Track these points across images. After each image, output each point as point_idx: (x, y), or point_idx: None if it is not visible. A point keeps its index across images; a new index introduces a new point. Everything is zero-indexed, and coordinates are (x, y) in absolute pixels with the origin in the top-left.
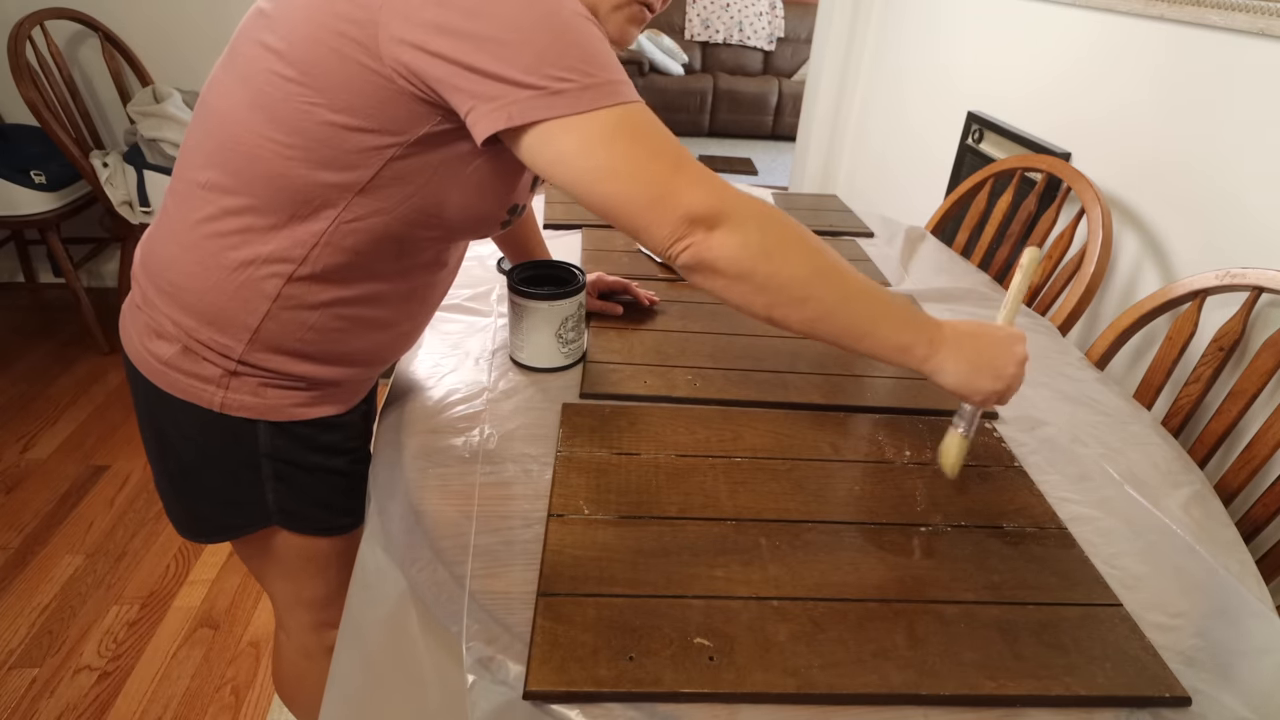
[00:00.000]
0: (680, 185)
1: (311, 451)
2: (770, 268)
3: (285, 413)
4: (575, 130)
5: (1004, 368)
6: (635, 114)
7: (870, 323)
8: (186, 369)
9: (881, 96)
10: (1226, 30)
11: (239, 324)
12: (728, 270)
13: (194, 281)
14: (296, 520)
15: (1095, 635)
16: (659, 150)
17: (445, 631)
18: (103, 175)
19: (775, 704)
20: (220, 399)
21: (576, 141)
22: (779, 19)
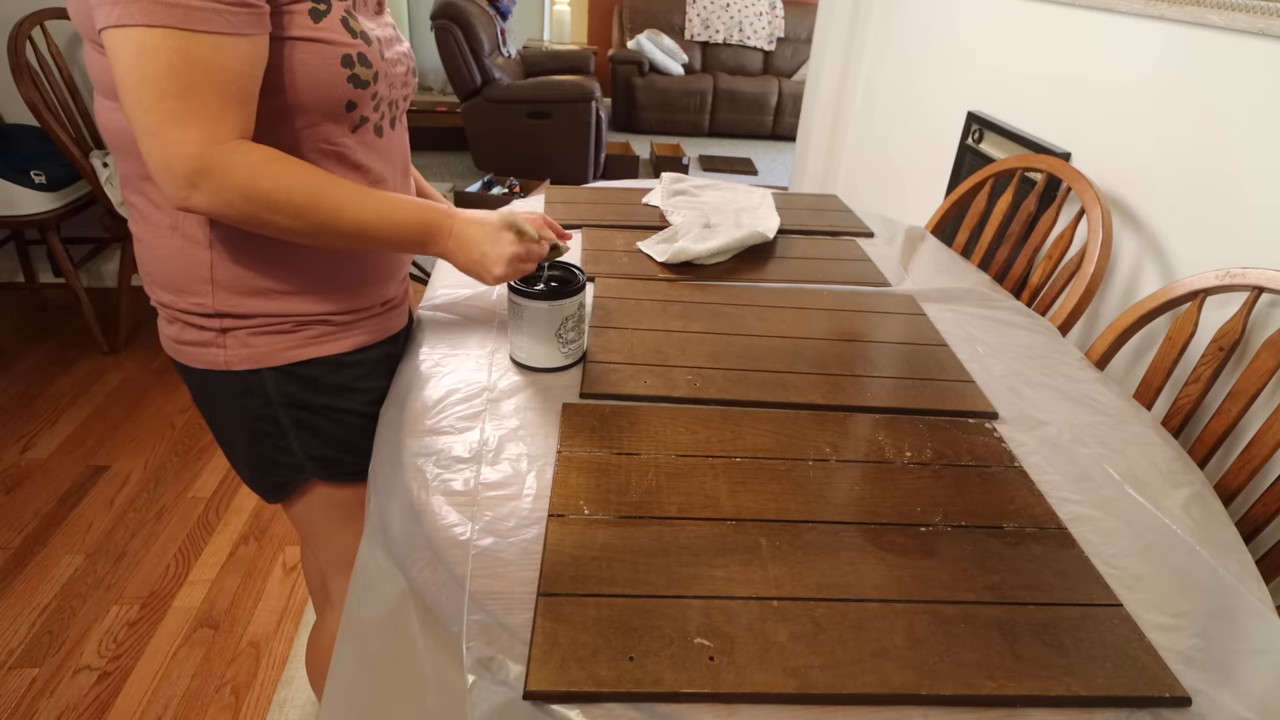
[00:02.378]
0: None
1: (320, 393)
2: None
3: (281, 356)
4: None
5: (493, 266)
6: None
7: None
8: (190, 340)
9: (881, 96)
10: (1226, 30)
11: (195, 278)
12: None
13: (152, 253)
14: (328, 467)
15: (1095, 635)
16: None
17: (445, 631)
18: (103, 175)
19: (775, 704)
20: (224, 357)
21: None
22: (779, 19)
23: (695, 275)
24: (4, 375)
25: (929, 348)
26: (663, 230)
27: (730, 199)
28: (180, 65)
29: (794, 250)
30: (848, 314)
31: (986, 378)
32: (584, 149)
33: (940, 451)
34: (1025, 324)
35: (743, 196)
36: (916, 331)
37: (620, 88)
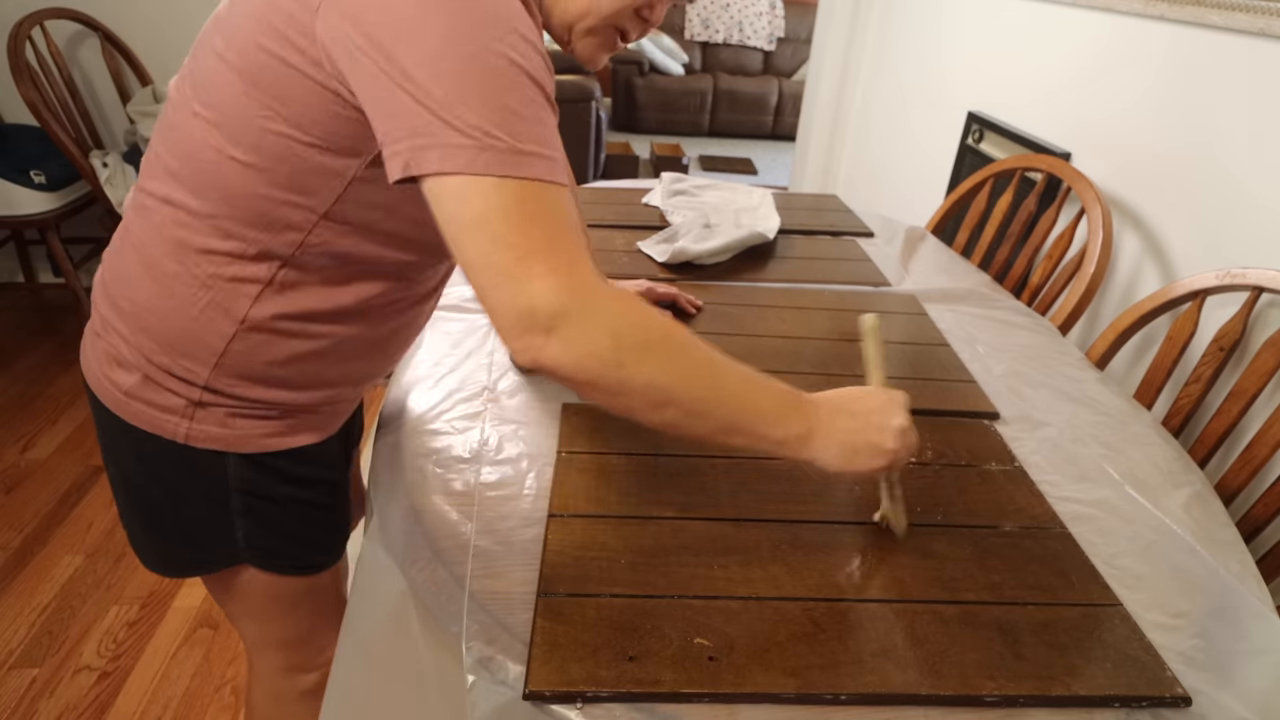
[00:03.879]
0: (535, 269)
1: (284, 483)
2: (620, 376)
3: (256, 443)
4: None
5: (882, 443)
6: (541, 193)
7: (739, 423)
8: (148, 399)
9: (881, 96)
10: (1226, 30)
11: (204, 348)
12: (571, 377)
13: (156, 302)
14: (267, 557)
15: (1095, 635)
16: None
17: (445, 631)
18: (102, 175)
19: (775, 704)
20: (185, 430)
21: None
22: (779, 19)
23: (695, 275)
24: (4, 375)
25: (930, 348)
26: (663, 230)
27: (730, 199)
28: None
29: (794, 250)
30: (848, 314)
31: (987, 378)
32: (584, 149)
33: (940, 451)
34: (1026, 324)
35: (743, 196)
36: (917, 331)
37: (620, 87)
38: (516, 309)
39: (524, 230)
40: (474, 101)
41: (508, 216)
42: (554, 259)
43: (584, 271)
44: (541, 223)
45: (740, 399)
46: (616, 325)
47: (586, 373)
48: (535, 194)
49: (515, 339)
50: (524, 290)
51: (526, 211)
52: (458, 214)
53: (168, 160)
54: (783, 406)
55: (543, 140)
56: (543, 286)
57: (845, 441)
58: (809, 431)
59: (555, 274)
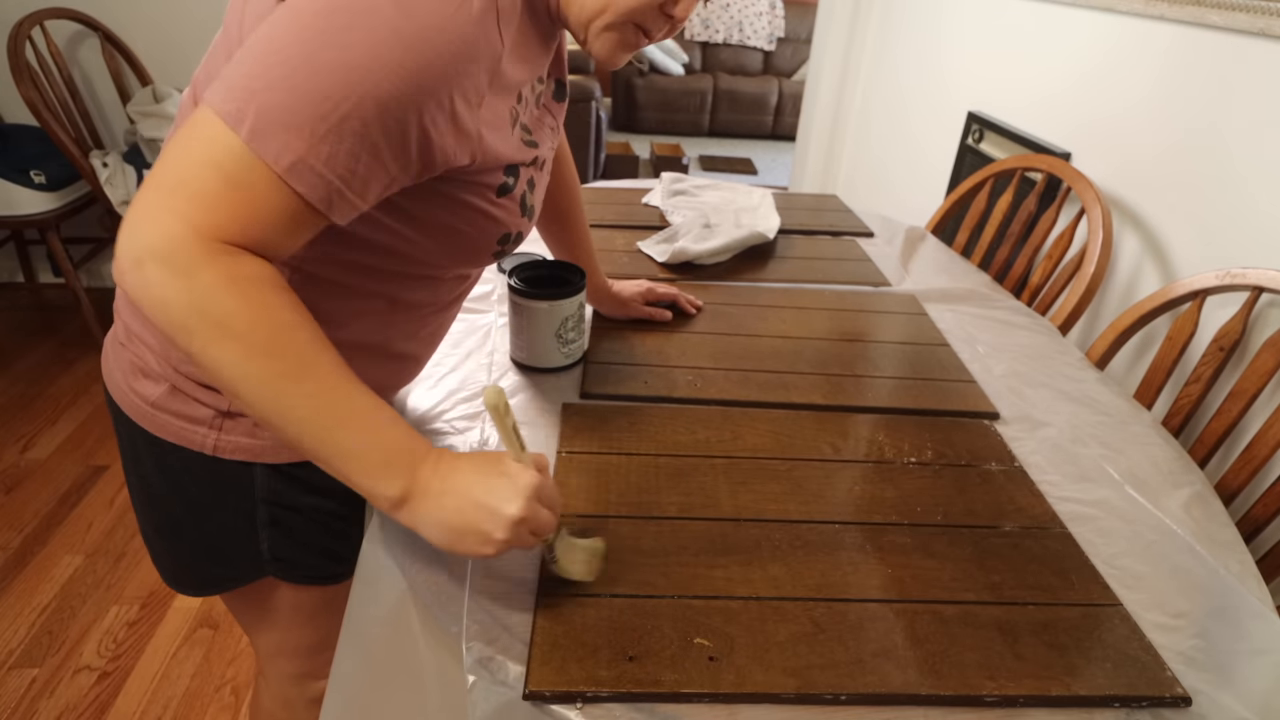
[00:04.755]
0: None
1: (309, 494)
2: (189, 346)
3: (284, 454)
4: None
5: (490, 532)
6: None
7: (321, 455)
8: (175, 410)
9: (881, 96)
10: (1227, 30)
11: None
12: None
13: None
14: (291, 569)
15: (1095, 635)
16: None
17: (445, 631)
18: (103, 175)
19: (775, 704)
20: (213, 441)
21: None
22: (779, 19)
23: (695, 275)
24: (4, 375)
25: (930, 348)
26: (663, 230)
27: (730, 199)
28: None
29: (794, 250)
30: (848, 314)
31: (987, 378)
32: (584, 149)
33: (940, 451)
34: (1026, 324)
35: (743, 196)
36: (917, 331)
37: (620, 87)
38: (132, 221)
39: (203, 169)
40: (294, 70)
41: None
42: (200, 211)
43: (218, 240)
44: (230, 186)
45: (323, 429)
46: (200, 295)
47: (155, 321)
48: (252, 167)
49: (116, 248)
50: (150, 210)
51: (226, 168)
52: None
53: None
54: (382, 459)
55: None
56: (164, 220)
57: (447, 521)
58: (405, 495)
59: (185, 221)
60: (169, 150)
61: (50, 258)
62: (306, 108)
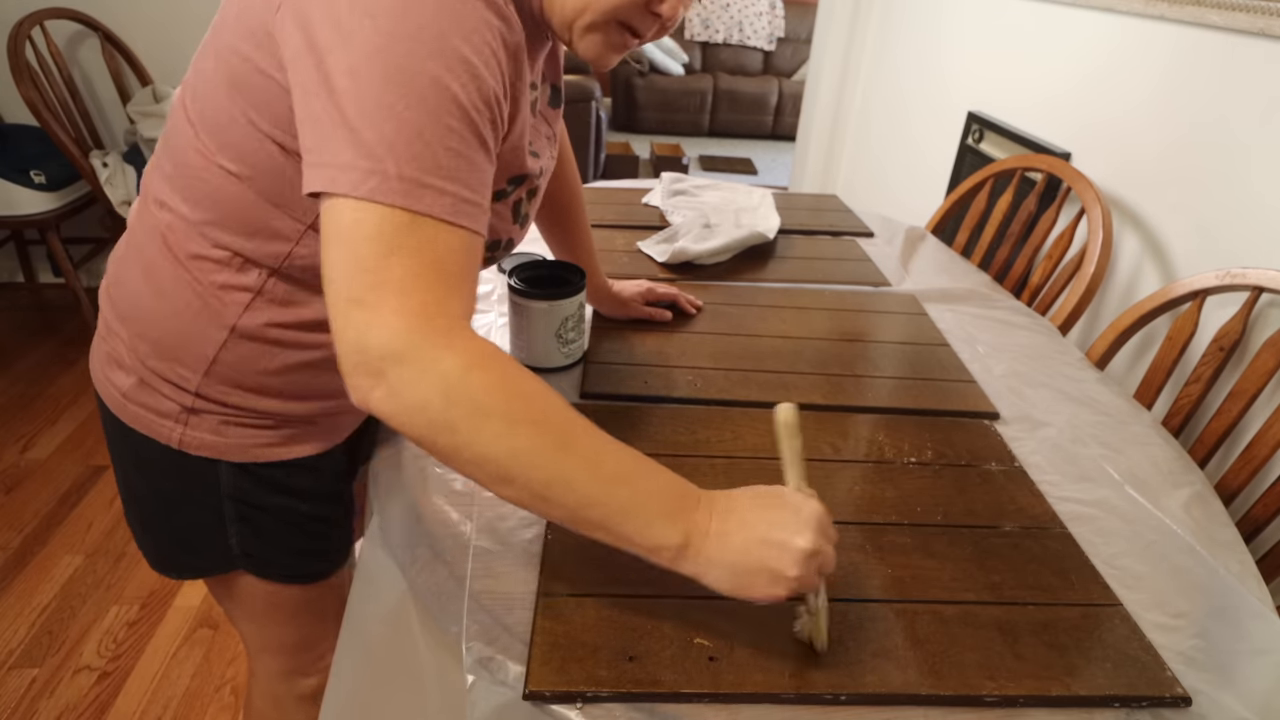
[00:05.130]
0: (386, 302)
1: (278, 494)
2: (455, 440)
3: (250, 453)
4: (348, 210)
5: (781, 569)
6: (425, 229)
7: (597, 518)
8: (144, 402)
9: (881, 96)
10: (1227, 30)
11: (195, 354)
12: (402, 431)
13: (151, 306)
14: (261, 565)
15: (1095, 635)
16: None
17: (445, 631)
18: (102, 175)
19: (775, 704)
20: (179, 435)
21: (342, 218)
22: (779, 19)
23: (695, 275)
24: (4, 375)
25: (930, 348)
26: (663, 230)
27: (730, 199)
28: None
29: (794, 250)
30: (848, 314)
31: (987, 378)
32: (584, 149)
33: (940, 451)
34: (1026, 324)
35: (743, 196)
36: (917, 331)
37: (620, 87)
38: (353, 340)
39: (386, 260)
40: (381, 123)
41: (374, 242)
42: (409, 298)
43: (439, 317)
44: (411, 257)
45: (599, 490)
46: (454, 382)
47: (414, 428)
48: (416, 228)
49: (347, 374)
50: (365, 322)
51: (397, 242)
52: (330, 233)
53: (165, 165)
54: (657, 508)
55: (452, 175)
56: (385, 322)
57: (734, 563)
58: (686, 543)
59: (402, 313)
60: (336, 261)
61: (50, 258)
62: (430, 143)
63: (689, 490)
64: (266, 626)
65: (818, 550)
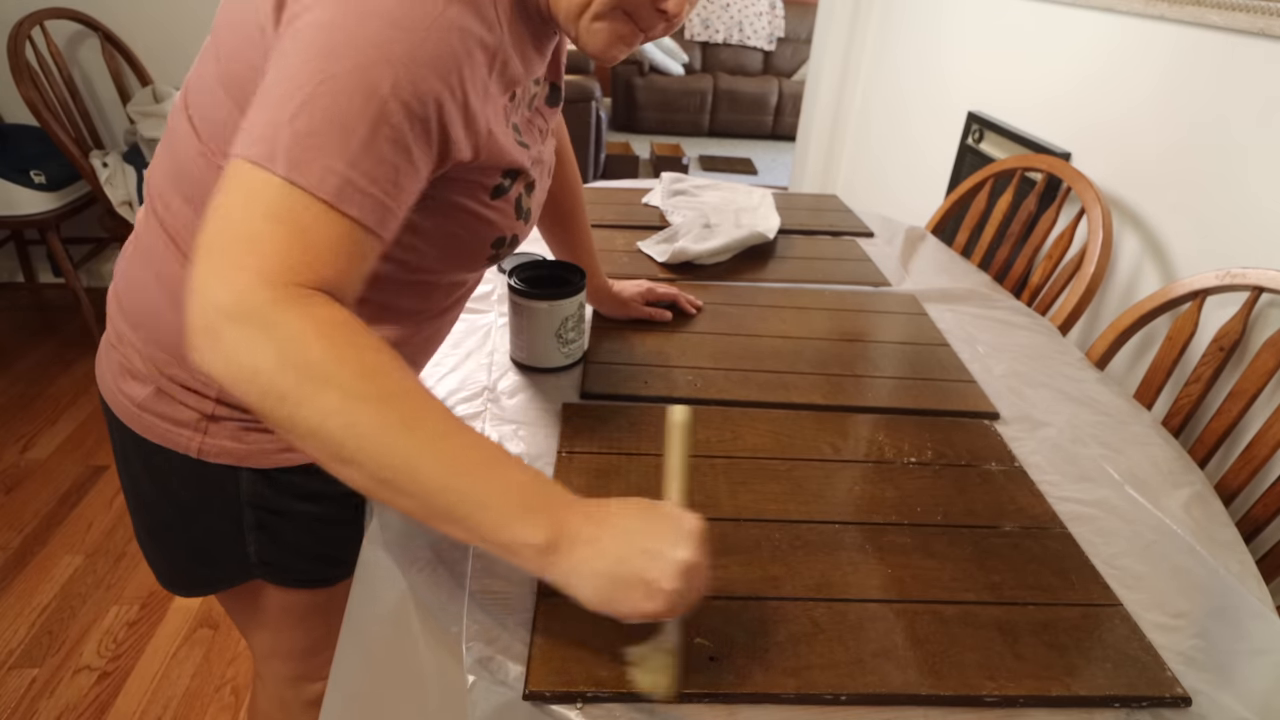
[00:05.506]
0: (240, 259)
1: (297, 499)
2: (286, 410)
3: (270, 458)
4: (238, 170)
5: (657, 580)
6: (308, 205)
7: (449, 509)
8: (161, 412)
9: (881, 96)
10: (1227, 30)
11: None
12: (237, 395)
13: (168, 311)
14: (278, 572)
15: (1095, 635)
16: (276, 224)
17: (445, 631)
18: (103, 175)
19: (775, 704)
20: (198, 444)
21: (230, 178)
22: (779, 19)
23: (695, 275)
24: (4, 375)
25: (930, 348)
26: (663, 230)
27: (730, 199)
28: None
29: (794, 250)
30: (848, 314)
31: (987, 378)
32: (584, 149)
33: (940, 451)
34: (1026, 324)
35: (743, 196)
36: (917, 331)
37: (620, 87)
38: (199, 295)
39: (254, 222)
40: (293, 97)
41: (249, 205)
42: (265, 260)
43: (292, 285)
44: (281, 225)
45: (455, 479)
46: (290, 347)
47: (247, 395)
48: (293, 199)
49: (189, 332)
50: (214, 274)
51: (271, 210)
52: (218, 188)
53: (168, 167)
54: (519, 502)
55: (354, 163)
56: (232, 279)
57: (607, 571)
58: (552, 544)
59: (252, 272)
60: (210, 216)
61: (50, 258)
62: (334, 126)
63: (557, 490)
64: (278, 633)
65: (697, 565)
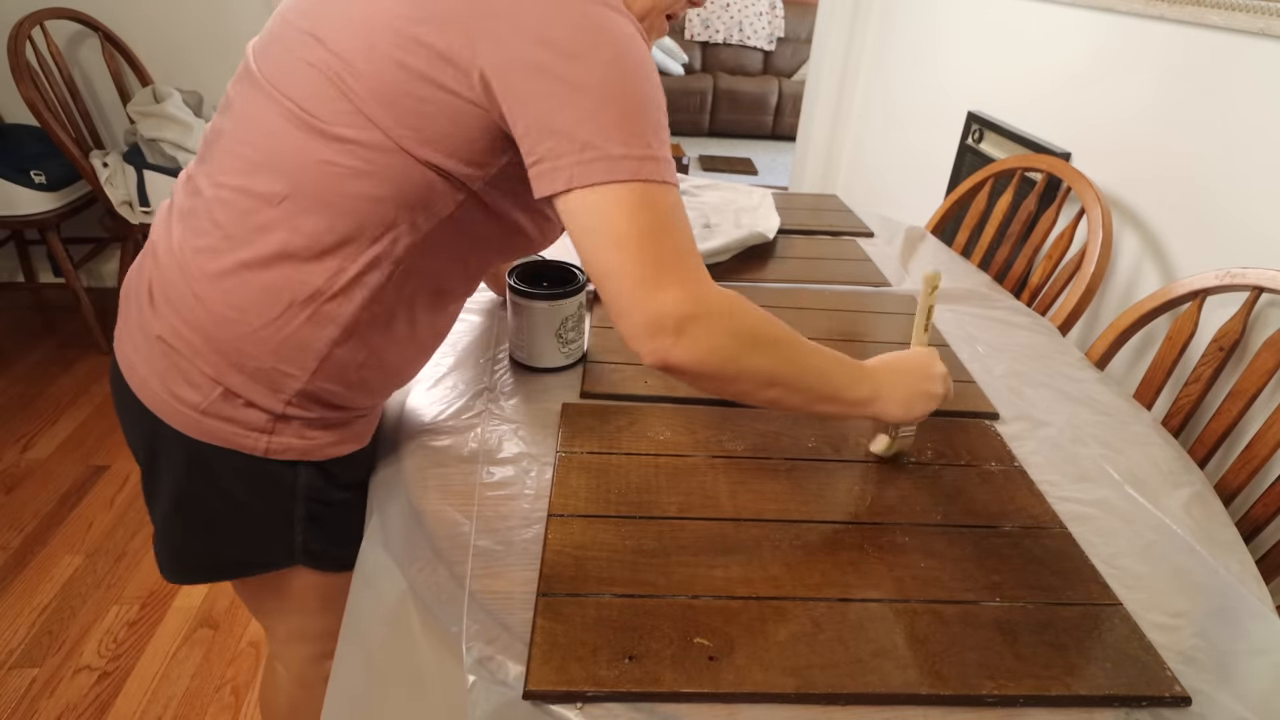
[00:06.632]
0: (668, 279)
1: (339, 489)
2: (736, 368)
3: (324, 451)
4: (613, 195)
5: (932, 390)
6: (668, 196)
7: (826, 392)
8: (227, 415)
9: (881, 96)
10: (1227, 30)
11: (297, 360)
12: (692, 370)
13: (260, 307)
14: (320, 559)
15: (1095, 635)
16: (671, 237)
17: (445, 631)
18: (103, 175)
19: (775, 704)
20: (265, 444)
21: (608, 204)
22: (779, 19)
23: None
24: (4, 375)
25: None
26: None
27: (730, 199)
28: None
29: (794, 250)
30: (848, 314)
31: (987, 378)
32: None
33: (940, 451)
34: (1025, 324)
35: (743, 196)
36: None
37: None
38: (650, 314)
39: (660, 242)
40: (637, 114)
41: (648, 230)
42: (683, 270)
43: (704, 278)
44: (674, 236)
45: (825, 374)
46: (733, 324)
47: (708, 366)
48: (670, 203)
49: (646, 341)
50: (656, 299)
51: (663, 224)
52: (601, 224)
53: (251, 156)
54: (854, 376)
55: (667, 145)
56: (674, 296)
57: (903, 397)
58: (874, 394)
59: (684, 284)
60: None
61: (50, 258)
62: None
63: (860, 362)
64: (305, 616)
65: (946, 376)
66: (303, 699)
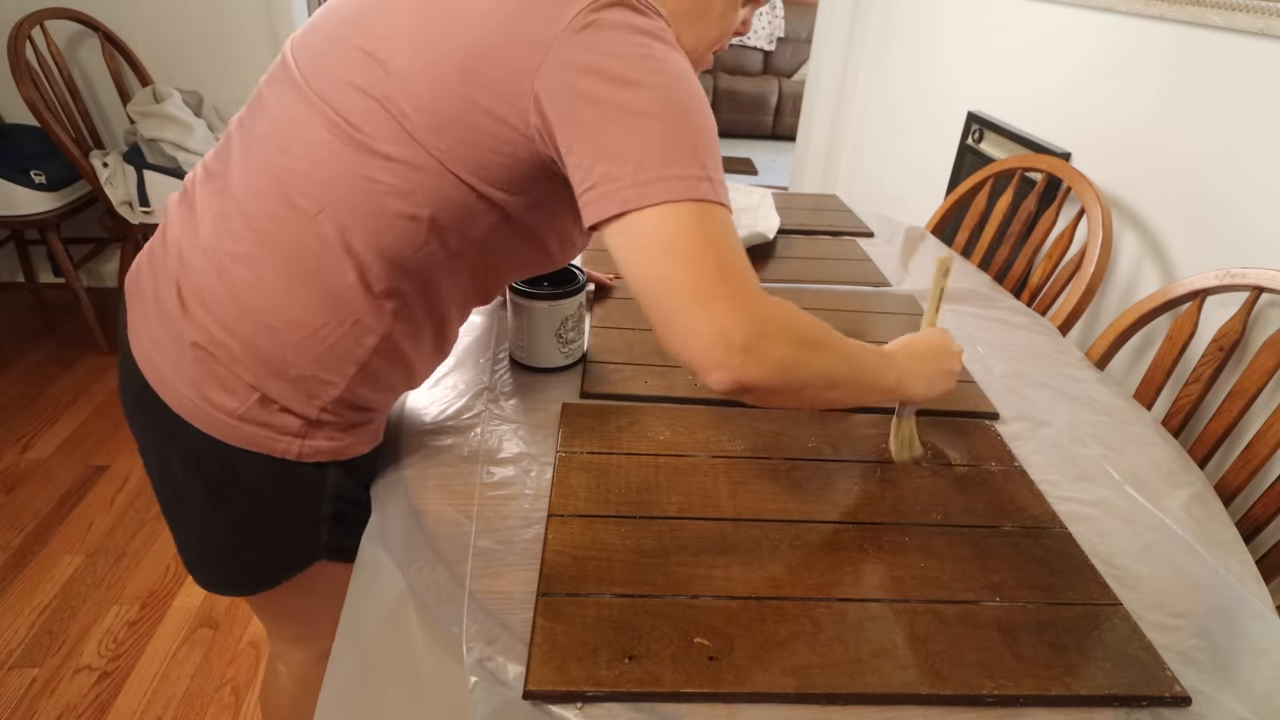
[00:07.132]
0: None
1: (362, 486)
2: (804, 376)
3: (351, 450)
4: (670, 213)
5: (953, 366)
6: (722, 216)
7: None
8: (264, 421)
9: (881, 96)
10: (1227, 30)
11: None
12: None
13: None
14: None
15: (1095, 635)
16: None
17: (445, 631)
18: (103, 175)
19: (775, 704)
20: (298, 448)
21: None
22: (779, 19)
23: None
24: (4, 375)
25: None
26: None
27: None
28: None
29: (794, 250)
30: (848, 314)
31: (987, 378)
32: None
33: (940, 451)
34: (1026, 324)
35: (742, 196)
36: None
37: None
38: (714, 333)
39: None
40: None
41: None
42: (742, 285)
43: (759, 292)
44: (732, 254)
45: (865, 366)
46: (794, 333)
47: (775, 379)
48: (726, 224)
49: (712, 363)
50: (719, 318)
51: (719, 243)
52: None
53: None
54: (882, 364)
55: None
56: (735, 315)
57: (926, 377)
58: (899, 379)
59: (745, 299)
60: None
61: (50, 258)
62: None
63: (883, 349)
64: (321, 613)
65: (960, 354)
66: (304, 699)
